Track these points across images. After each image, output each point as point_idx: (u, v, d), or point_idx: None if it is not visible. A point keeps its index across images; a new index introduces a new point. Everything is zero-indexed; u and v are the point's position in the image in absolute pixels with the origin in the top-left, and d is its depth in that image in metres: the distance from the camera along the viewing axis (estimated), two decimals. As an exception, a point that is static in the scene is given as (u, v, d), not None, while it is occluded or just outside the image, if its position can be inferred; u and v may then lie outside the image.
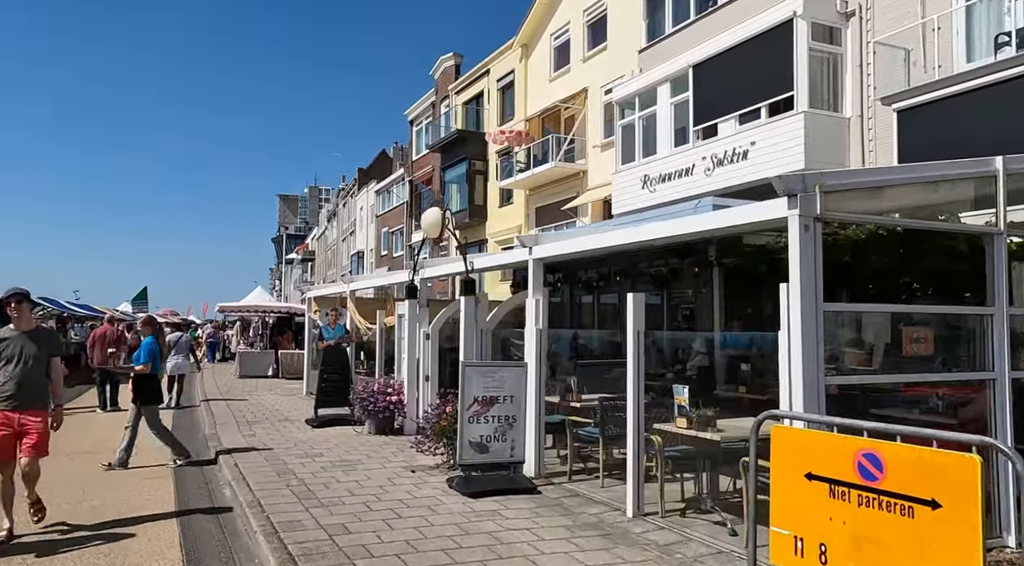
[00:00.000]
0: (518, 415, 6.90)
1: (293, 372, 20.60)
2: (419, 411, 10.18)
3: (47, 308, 21.90)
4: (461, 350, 8.64)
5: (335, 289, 15.65)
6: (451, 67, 30.67)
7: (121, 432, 9.78)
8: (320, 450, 8.99)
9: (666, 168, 16.99)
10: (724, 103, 15.50)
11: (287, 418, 12.04)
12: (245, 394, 16.50)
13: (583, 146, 22.35)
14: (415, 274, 10.37)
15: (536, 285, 7.43)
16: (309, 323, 16.34)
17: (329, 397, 11.29)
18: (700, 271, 11.96)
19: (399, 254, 36.88)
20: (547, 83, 24.13)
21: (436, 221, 9.35)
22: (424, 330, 10.23)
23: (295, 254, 72.08)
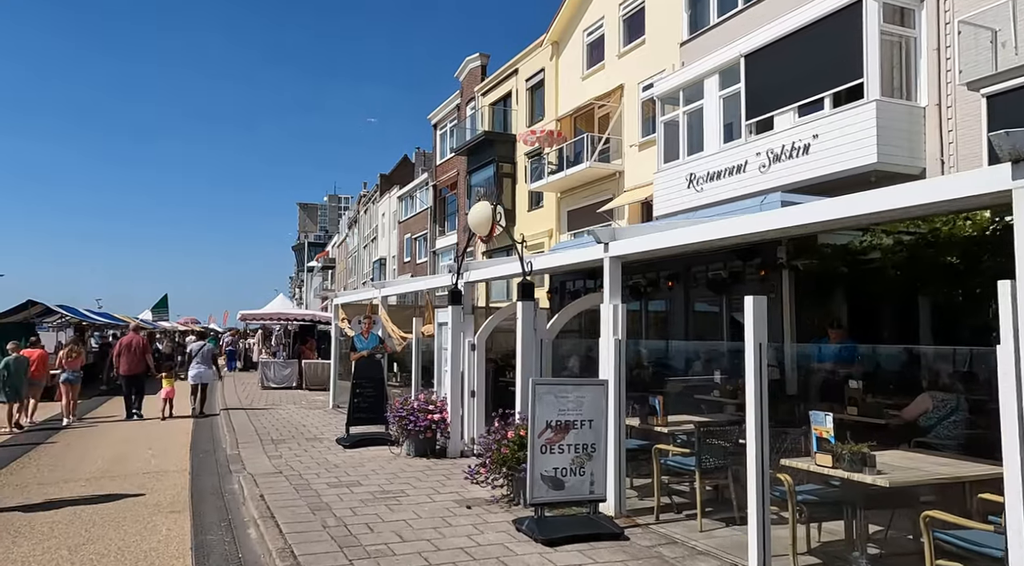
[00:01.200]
0: (598, 443, 5.73)
1: (317, 383, 19.59)
2: (464, 431, 9.05)
3: (65, 316, 21.11)
4: (518, 363, 7.49)
5: (364, 295, 14.59)
6: (477, 68, 29.68)
7: (138, 448, 8.76)
8: (356, 477, 7.87)
9: (714, 166, 15.77)
10: (781, 94, 14.27)
11: (316, 436, 10.95)
12: (268, 407, 15.46)
13: (619, 146, 21.19)
14: (459, 277, 9.25)
15: (614, 288, 6.27)
16: (336, 332, 15.28)
17: (362, 414, 10.19)
18: (768, 275, 10.74)
19: (423, 260, 35.87)
20: (579, 81, 23.01)
21: (486, 217, 8.23)
22: (469, 340, 9.10)
23: (315, 262, 71.43)
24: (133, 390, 14.00)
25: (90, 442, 11.18)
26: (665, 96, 17.52)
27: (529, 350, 7.44)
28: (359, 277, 52.09)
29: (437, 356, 9.93)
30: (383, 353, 10.38)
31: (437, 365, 9.95)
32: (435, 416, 8.93)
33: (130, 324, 28.61)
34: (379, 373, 10.37)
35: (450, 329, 9.15)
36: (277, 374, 19.62)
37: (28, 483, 8.09)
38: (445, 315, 9.66)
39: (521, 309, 7.48)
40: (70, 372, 13.48)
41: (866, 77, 12.52)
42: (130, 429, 12.90)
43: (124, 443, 11.05)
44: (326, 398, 16.86)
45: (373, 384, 10.26)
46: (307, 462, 8.83)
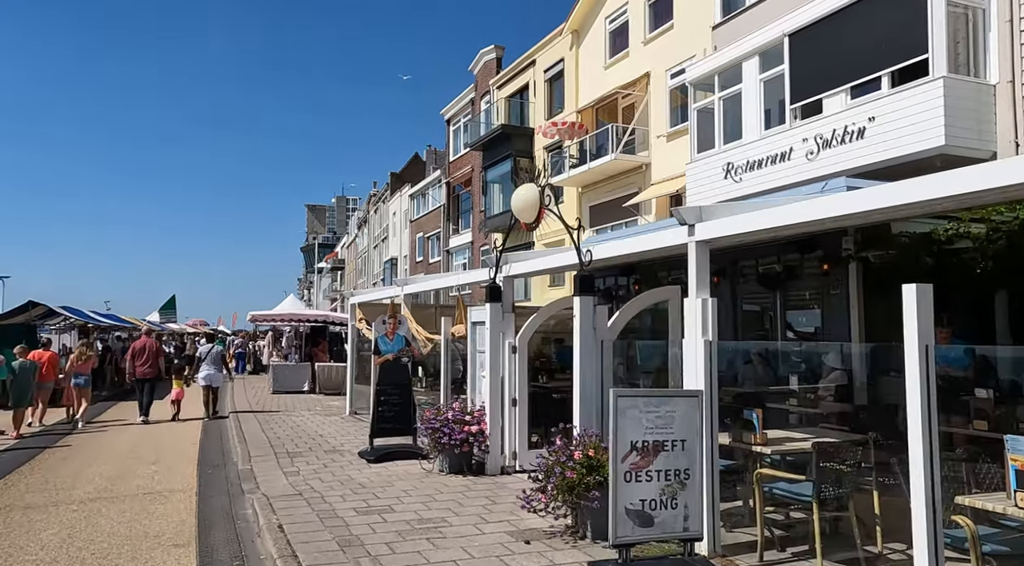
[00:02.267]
0: (692, 468, 4.65)
1: (331, 387, 18.55)
2: (505, 444, 7.98)
3: (69, 318, 20.15)
4: (576, 368, 6.41)
5: (384, 293, 13.57)
6: (492, 61, 28.61)
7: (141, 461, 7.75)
8: (387, 500, 6.80)
9: (755, 154, 14.65)
10: (830, 75, 13.14)
11: (335, 448, 9.90)
12: (281, 413, 14.44)
13: (645, 137, 20.09)
14: (497, 271, 8.18)
15: (701, 278, 5.19)
16: (353, 333, 14.25)
17: (387, 424, 9.12)
18: (831, 269, 9.63)
19: (435, 260, 34.83)
20: (602, 70, 21.93)
21: (532, 200, 7.15)
22: (510, 341, 8.03)
23: (324, 263, 70.50)
24: (144, 392, 13.83)
25: (90, 453, 10.17)
26: (698, 82, 16.41)
27: (589, 353, 6.37)
28: (369, 278, 51.08)
29: (470, 359, 8.87)
30: (410, 356, 9.32)
31: (470, 370, 8.89)
32: (472, 428, 7.86)
33: (139, 326, 27.77)
34: (405, 378, 9.30)
35: (488, 329, 8.08)
36: (289, 378, 18.60)
37: (13, 505, 7.07)
38: (480, 314, 8.59)
39: (579, 305, 6.41)
40: (79, 375, 13.22)
41: (931, 52, 11.38)
42: (135, 437, 11.89)
43: (127, 455, 10.03)
44: (342, 404, 15.82)
45: (399, 391, 9.20)
46: (329, 480, 7.77)
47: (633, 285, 13.17)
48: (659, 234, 5.73)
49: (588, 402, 6.32)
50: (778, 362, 10.56)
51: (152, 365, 13.77)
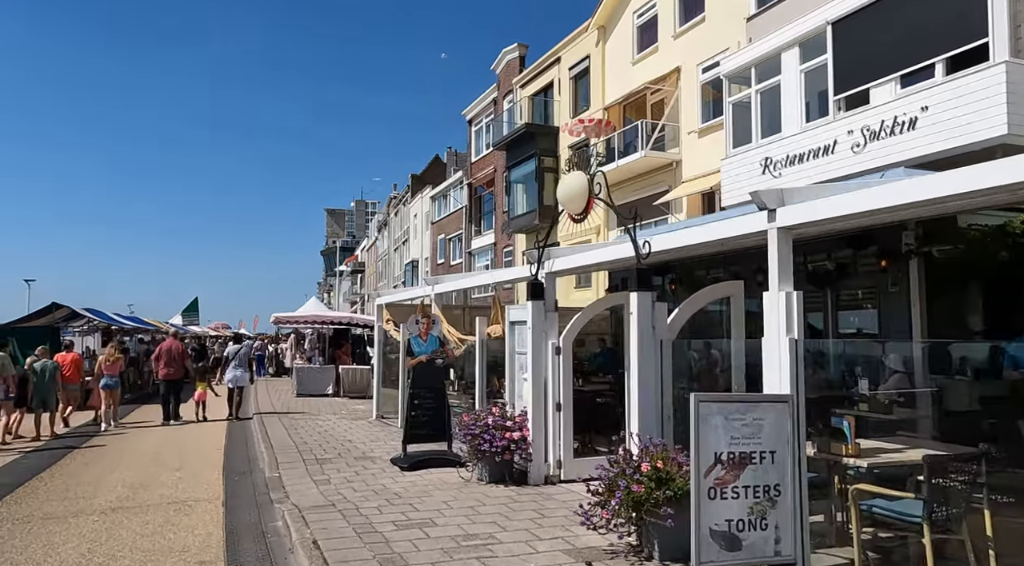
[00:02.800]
0: (783, 484, 4.08)
1: (356, 390, 18.14)
2: (549, 452, 7.45)
3: (93, 320, 19.95)
4: (633, 370, 5.86)
5: (412, 293, 13.12)
6: (515, 59, 28.15)
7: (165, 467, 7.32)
8: (427, 512, 6.29)
9: (795, 148, 14.00)
10: (877, 63, 12.48)
11: (365, 454, 9.42)
12: (306, 417, 14.02)
13: (675, 133, 19.48)
14: (539, 267, 7.66)
15: (784, 270, 4.62)
16: (380, 335, 13.79)
17: (421, 430, 8.62)
18: (889, 265, 8.99)
19: (457, 262, 34.40)
20: (629, 66, 21.36)
21: (581, 189, 6.64)
22: (553, 342, 7.50)
23: (344, 266, 70.45)
24: (171, 395, 13.81)
25: (112, 459, 9.79)
26: (733, 75, 15.80)
27: (648, 354, 5.82)
28: (390, 280, 50.81)
29: (509, 361, 8.34)
30: (444, 358, 8.82)
31: (509, 372, 8.36)
32: (514, 434, 7.33)
33: (161, 328, 27.61)
34: (439, 382, 8.80)
35: (530, 329, 7.55)
36: (313, 380, 18.21)
37: (31, 516, 6.66)
38: (521, 313, 8.06)
39: (636, 302, 5.86)
40: (109, 377, 13.11)
41: (991, 36, 10.70)
42: (158, 441, 11.52)
43: (150, 461, 9.64)
44: (367, 407, 15.38)
45: (433, 394, 8.69)
46: (362, 490, 7.29)
47: (669, 285, 12.60)
48: (729, 222, 5.16)
49: (647, 408, 5.77)
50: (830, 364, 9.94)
51: (178, 367, 13.78)
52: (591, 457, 7.63)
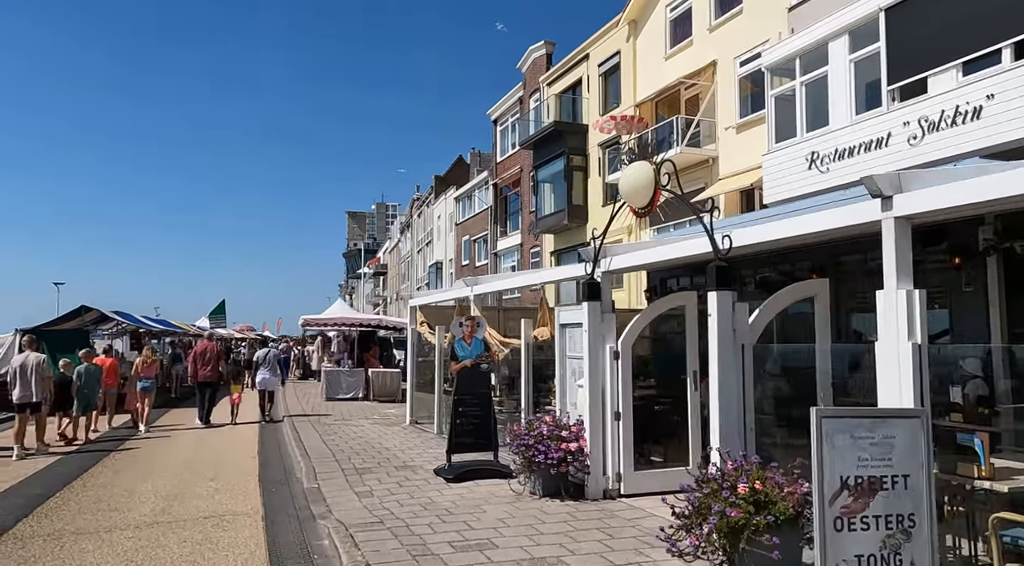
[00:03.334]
0: (918, 513, 3.52)
1: (386, 394, 17.72)
2: (608, 465, 6.91)
3: (121, 323, 19.75)
4: (713, 377, 5.30)
5: (449, 294, 12.65)
6: (542, 57, 27.62)
7: (199, 476, 6.90)
8: (483, 531, 5.79)
9: (845, 141, 13.32)
10: (936, 50, 11.78)
11: (406, 464, 8.94)
12: (338, 422, 13.60)
13: (711, 129, 18.83)
14: (595, 265, 7.13)
15: (902, 265, 4.07)
16: (413, 337, 13.34)
17: (467, 439, 8.13)
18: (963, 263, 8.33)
19: (482, 263, 33.93)
20: (661, 62, 20.74)
21: (646, 181, 6.11)
22: (611, 346, 6.97)
23: (366, 268, 70.39)
24: (206, 396, 13.83)
25: (145, 466, 9.42)
26: (776, 67, 15.14)
27: (728, 359, 5.26)
28: (413, 282, 50.50)
29: (559, 366, 7.82)
30: (490, 362, 8.32)
31: (559, 378, 7.84)
32: (571, 445, 6.80)
33: (188, 331, 27.46)
34: (485, 387, 8.30)
35: (586, 332, 7.03)
36: (343, 384, 17.82)
37: (63, 531, 6.26)
38: (574, 314, 7.55)
39: (716, 303, 5.31)
40: (145, 379, 13.27)
41: (1067, 17, 10.00)
42: (191, 446, 11.16)
43: (183, 468, 9.25)
44: (399, 412, 14.94)
45: (479, 401, 8.19)
46: (408, 504, 6.80)
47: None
48: (832, 213, 4.59)
49: (729, 419, 5.21)
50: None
51: (212, 369, 13.85)
52: (651, 470, 7.10)
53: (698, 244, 5.72)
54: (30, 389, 10.63)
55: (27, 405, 10.58)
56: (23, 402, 10.52)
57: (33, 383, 10.65)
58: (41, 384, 10.77)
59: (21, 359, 10.64)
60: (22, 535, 6.13)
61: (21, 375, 10.55)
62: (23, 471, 9.14)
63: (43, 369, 10.87)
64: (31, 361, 10.73)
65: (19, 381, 10.51)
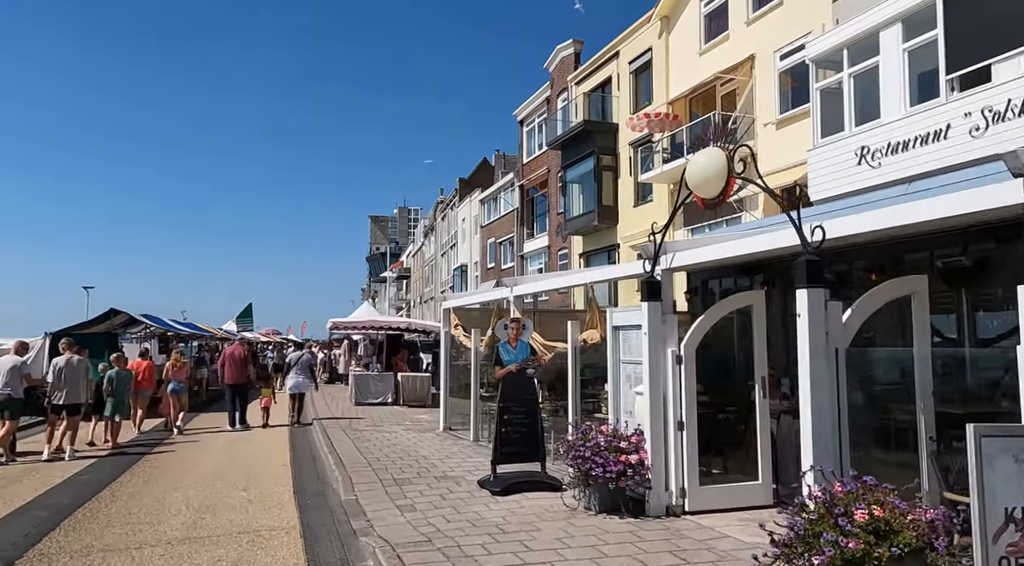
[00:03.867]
0: (1094, 549, 2.93)
1: (416, 399, 17.27)
2: (671, 479, 6.34)
3: (150, 326, 19.57)
4: (803, 383, 4.73)
5: (485, 296, 12.13)
6: (570, 56, 27.12)
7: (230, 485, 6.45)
8: (543, 553, 5.25)
9: (898, 135, 12.62)
10: (1001, 36, 11.04)
11: (447, 474, 8.44)
12: (369, 427, 13.16)
13: (748, 126, 18.16)
14: (656, 263, 6.59)
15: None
16: (446, 340, 12.87)
17: (512, 448, 7.60)
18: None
19: (508, 266, 33.44)
20: (696, 57, 20.11)
21: (718, 170, 5.56)
22: (673, 349, 6.41)
23: (389, 271, 70.30)
24: (237, 399, 13.83)
25: (175, 474, 9.05)
26: (821, 59, 14.46)
27: (821, 364, 4.68)
28: (437, 286, 50.19)
29: (612, 372, 7.28)
30: (536, 367, 7.80)
31: (612, 384, 7.29)
32: (631, 457, 6.25)
33: (214, 334, 27.32)
34: (532, 393, 7.77)
35: (645, 335, 6.48)
36: (372, 388, 17.40)
37: (91, 547, 5.85)
38: (629, 316, 7.00)
39: (807, 301, 4.73)
40: (176, 382, 13.29)
41: None
42: (221, 453, 10.78)
43: (214, 477, 8.85)
44: (431, 417, 14.49)
45: (525, 409, 7.67)
46: (455, 520, 6.30)
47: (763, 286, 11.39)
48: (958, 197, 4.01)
49: (823, 432, 4.64)
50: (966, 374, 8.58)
51: (242, 372, 13.86)
52: (717, 485, 6.52)
53: (779, 238, 5.16)
54: (77, 391, 10.40)
55: (75, 407, 10.31)
56: (72, 403, 10.26)
57: (81, 385, 10.43)
58: (85, 387, 10.55)
59: (64, 361, 10.41)
60: (48, 551, 5.74)
61: (70, 376, 10.31)
62: (51, 479, 8.81)
63: (87, 373, 10.66)
64: (77, 362, 10.51)
65: (66, 383, 10.27)
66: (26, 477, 8.93)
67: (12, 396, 10.09)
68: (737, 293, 6.75)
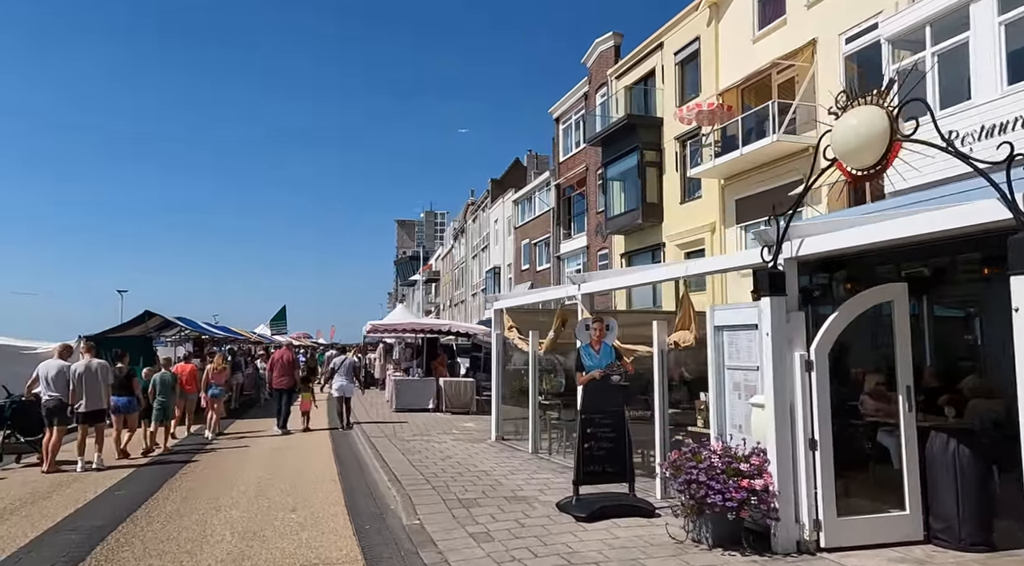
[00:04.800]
0: None
1: (459, 406, 16.34)
2: (802, 508, 5.28)
3: (184, 329, 18.94)
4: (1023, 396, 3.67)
5: (546, 294, 11.20)
6: (609, 50, 26.06)
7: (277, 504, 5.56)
8: (667, 603, 4.25)
9: (993, 117, 11.40)
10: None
11: (516, 494, 7.46)
12: (417, 436, 12.25)
13: (809, 115, 16.95)
14: (779, 250, 5.55)
15: None
16: (499, 344, 11.91)
17: (597, 466, 6.60)
18: None
19: (543, 267, 32.43)
20: (749, 45, 18.94)
21: (877, 133, 4.51)
22: (801, 353, 5.37)
23: (418, 275, 69.67)
24: (284, 403, 13.85)
25: (215, 489, 8.21)
26: (899, 38, 13.26)
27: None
28: (467, 288, 49.36)
29: (715, 380, 6.25)
30: (623, 373, 6.79)
31: (715, 394, 6.26)
32: (755, 482, 5.21)
33: (248, 337, 26.73)
34: (618, 404, 6.75)
35: (767, 336, 5.44)
36: (414, 394, 16.51)
37: (126, 585, 4.98)
38: (739, 314, 5.98)
39: None
40: (215, 386, 13.22)
41: None
42: (264, 463, 9.91)
43: (258, 494, 7.98)
44: (479, 426, 13.56)
45: (611, 421, 6.67)
46: (543, 553, 5.31)
47: (843, 284, 10.25)
48: None
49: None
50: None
51: (289, 376, 13.94)
52: (858, 516, 5.43)
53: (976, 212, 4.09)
54: (100, 397, 9.64)
55: (97, 413, 9.58)
56: (94, 410, 9.52)
57: (102, 390, 9.68)
58: (106, 391, 9.79)
59: (83, 366, 9.59)
60: (76, 590, 4.88)
61: (89, 382, 9.53)
62: (84, 494, 8.02)
63: (108, 376, 9.88)
64: (97, 366, 9.72)
65: (86, 389, 9.49)
66: (56, 492, 8.16)
67: (63, 400, 9.42)
68: (876, 286, 5.66)
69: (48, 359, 9.99)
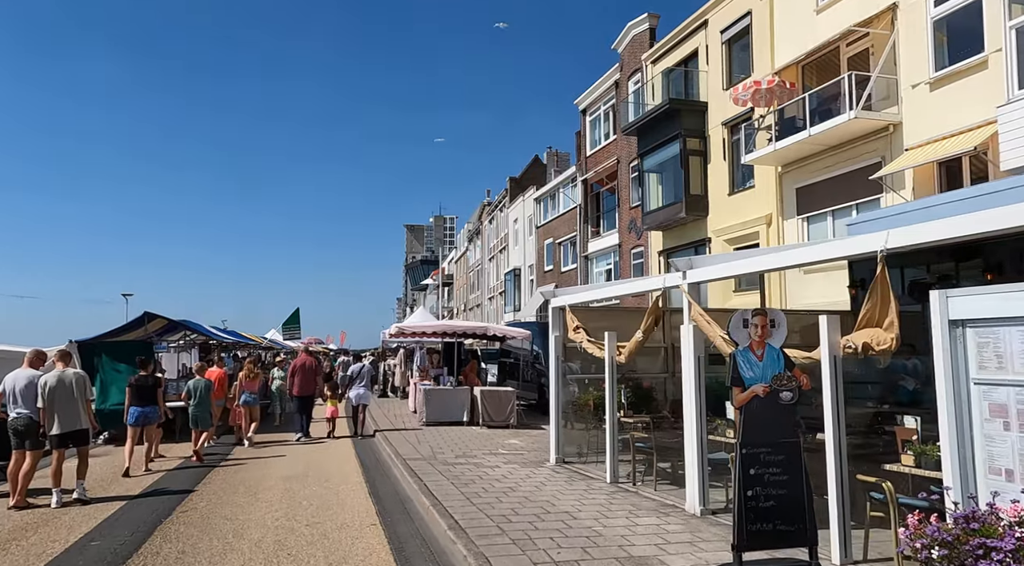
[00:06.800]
0: None
1: (497, 419, 14.25)
2: None
3: (190, 334, 16.96)
4: None
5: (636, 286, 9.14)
6: (643, 33, 24.07)
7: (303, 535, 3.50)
8: None
9: None
10: None
11: (631, 553, 5.36)
12: (460, 458, 10.18)
13: (889, 89, 14.91)
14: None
15: None
16: (557, 348, 9.87)
17: (764, 523, 4.53)
18: None
19: (569, 268, 30.37)
20: (811, 16, 16.90)
21: None
22: None
23: (430, 279, 67.61)
24: (304, 410, 13.51)
25: (237, 509, 6.21)
26: (1016, -11, 11.22)
27: None
28: (484, 291, 47.31)
29: (947, 397, 4.22)
30: (797, 388, 4.74)
31: (949, 417, 4.24)
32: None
33: (258, 342, 24.74)
34: (792, 433, 4.70)
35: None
36: (445, 405, 14.45)
37: None
38: (997, 303, 3.94)
39: None
40: (248, 393, 12.75)
41: None
42: (287, 501, 7.80)
43: (285, 514, 5.95)
44: (526, 444, 11.57)
45: (783, 456, 4.61)
46: None
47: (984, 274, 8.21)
48: None
49: None
50: None
51: (312, 383, 13.53)
52: None
53: None
54: (77, 416, 7.62)
55: (79, 435, 7.61)
56: (72, 431, 7.54)
57: (80, 407, 7.66)
58: (85, 408, 7.77)
59: (54, 378, 7.56)
60: None
61: (62, 397, 7.52)
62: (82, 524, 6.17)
63: (86, 390, 7.84)
64: (72, 378, 7.69)
65: (58, 406, 7.48)
66: (14, 542, 6.14)
67: (33, 418, 7.49)
68: None
69: (17, 369, 7.99)
